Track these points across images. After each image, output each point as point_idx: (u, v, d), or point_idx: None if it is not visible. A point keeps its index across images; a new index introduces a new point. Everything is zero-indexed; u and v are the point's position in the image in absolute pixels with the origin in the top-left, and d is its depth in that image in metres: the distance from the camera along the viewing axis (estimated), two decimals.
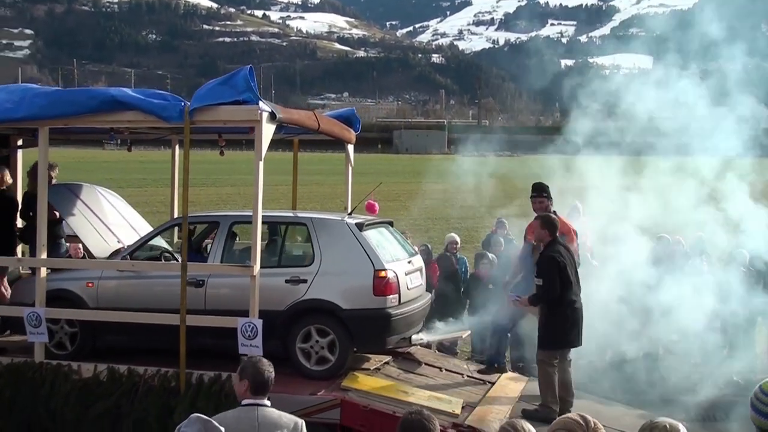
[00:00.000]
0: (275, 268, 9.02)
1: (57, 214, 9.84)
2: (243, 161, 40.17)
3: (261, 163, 8.22)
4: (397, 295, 8.82)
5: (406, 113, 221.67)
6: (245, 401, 5.37)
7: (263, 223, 9.99)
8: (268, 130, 8.24)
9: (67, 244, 10.94)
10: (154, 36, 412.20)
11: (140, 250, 9.59)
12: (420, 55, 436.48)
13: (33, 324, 8.82)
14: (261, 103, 8.13)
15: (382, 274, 8.66)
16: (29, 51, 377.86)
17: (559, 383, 8.97)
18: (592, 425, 3.34)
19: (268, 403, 5.38)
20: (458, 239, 13.77)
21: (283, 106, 8.89)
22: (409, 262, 9.41)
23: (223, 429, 4.47)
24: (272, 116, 8.24)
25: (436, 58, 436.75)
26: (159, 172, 47.00)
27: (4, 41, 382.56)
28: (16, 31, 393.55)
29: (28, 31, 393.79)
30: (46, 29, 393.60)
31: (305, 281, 8.74)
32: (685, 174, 13.66)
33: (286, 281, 8.79)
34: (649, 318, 11.52)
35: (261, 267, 8.69)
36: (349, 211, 10.03)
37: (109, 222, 10.38)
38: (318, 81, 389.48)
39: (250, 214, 8.80)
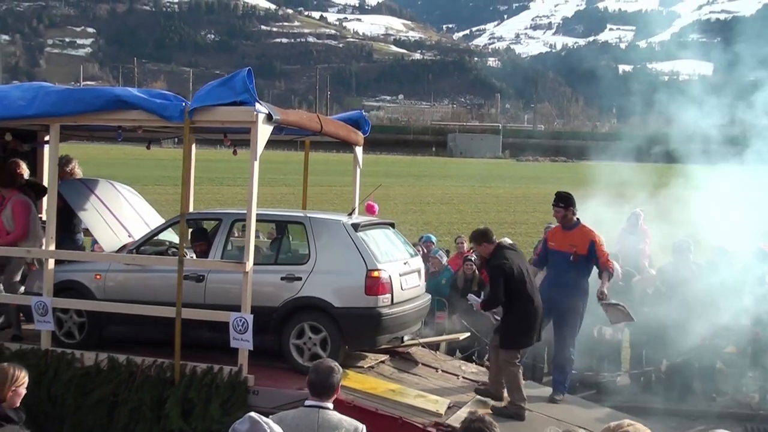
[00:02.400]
0: (272, 266, 9.27)
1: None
2: (296, 161, 40.15)
3: (256, 163, 8.45)
4: (389, 295, 8.96)
5: (461, 116, 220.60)
6: (307, 402, 5.41)
7: (265, 221, 10.38)
8: (264, 131, 8.46)
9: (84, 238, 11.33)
10: (212, 36, 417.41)
11: (148, 244, 9.90)
12: (476, 59, 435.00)
13: (40, 312, 9.21)
14: (257, 105, 8.35)
15: (375, 274, 8.83)
16: (91, 49, 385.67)
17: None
18: None
19: (330, 405, 5.39)
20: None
21: (339, 108, 9.09)
22: (406, 264, 9.56)
23: (271, 430, 4.36)
24: (269, 117, 8.47)
25: (492, 61, 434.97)
26: (213, 170, 47.61)
27: (67, 39, 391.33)
28: (78, 29, 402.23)
29: (90, 30, 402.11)
30: (108, 28, 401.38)
31: (300, 279, 8.96)
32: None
33: (282, 278, 9.02)
34: (706, 328, 11.53)
35: (258, 264, 8.97)
36: (350, 211, 10.20)
37: (122, 216, 10.70)
38: (373, 83, 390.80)
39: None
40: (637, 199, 14.98)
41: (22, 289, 10.41)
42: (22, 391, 6.20)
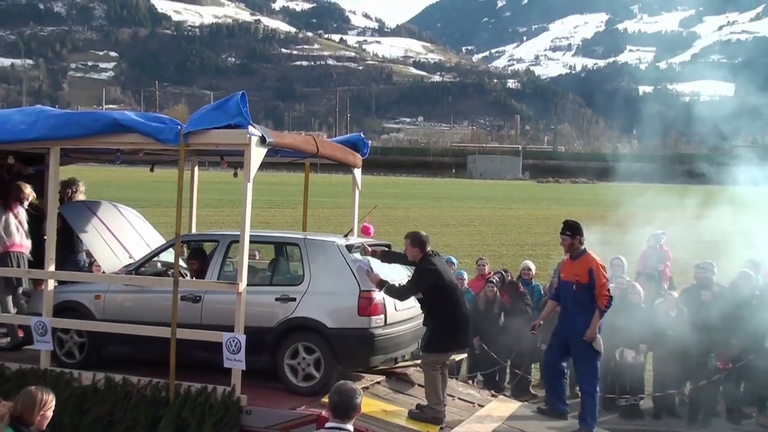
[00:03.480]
0: (267, 287, 9.38)
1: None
2: (319, 183, 39.55)
3: (249, 185, 8.54)
4: (382, 316, 9.02)
5: (480, 138, 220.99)
6: (328, 424, 5.39)
7: (262, 243, 10.52)
8: (257, 154, 8.58)
9: (86, 259, 11.50)
10: (233, 59, 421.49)
11: (147, 265, 10.03)
12: (495, 80, 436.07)
13: (39, 332, 9.36)
14: (251, 128, 8.47)
15: (367, 294, 8.90)
16: (113, 73, 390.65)
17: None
18: None
19: (350, 428, 5.35)
20: (532, 266, 13.61)
21: (359, 130, 9.20)
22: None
23: None
24: (262, 140, 8.59)
25: (511, 83, 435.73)
26: (237, 193, 47.49)
27: (89, 63, 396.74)
28: (101, 53, 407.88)
29: (113, 54, 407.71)
30: (130, 52, 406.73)
31: (294, 300, 9.04)
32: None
33: (277, 299, 9.11)
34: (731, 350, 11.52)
35: (254, 285, 9.10)
36: (346, 233, 10.29)
37: (123, 238, 10.85)
38: (393, 105, 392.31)
39: (252, 233, 9.30)
40: (660, 220, 14.93)
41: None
42: (50, 414, 6.32)
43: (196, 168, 12.11)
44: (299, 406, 8.52)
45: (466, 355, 11.41)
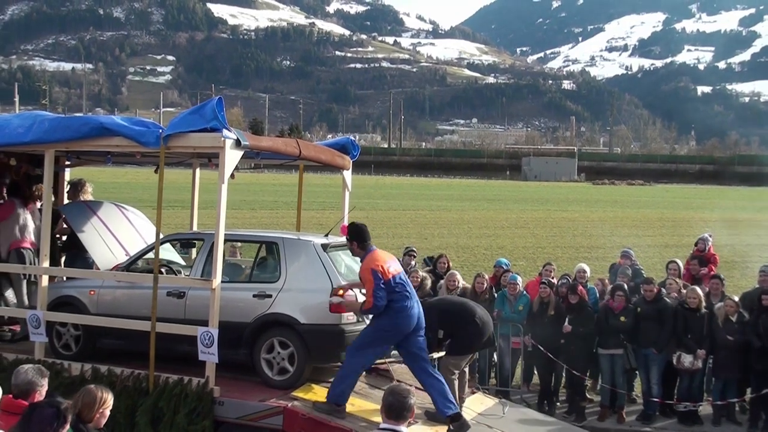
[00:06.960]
0: (246, 283, 9.78)
1: (64, 225, 10.97)
2: (360, 185, 39.47)
3: (224, 186, 8.90)
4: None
5: (535, 140, 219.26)
6: (382, 425, 5.42)
7: (243, 241, 10.92)
8: (232, 156, 8.95)
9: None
10: (288, 62, 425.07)
11: (139, 262, 10.50)
12: (550, 81, 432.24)
13: (34, 325, 9.88)
14: (225, 131, 8.86)
15: (340, 292, 9.23)
16: (171, 76, 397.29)
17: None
18: None
19: (404, 429, 5.35)
20: (587, 269, 13.54)
21: (413, 132, 9.52)
22: None
23: None
24: (237, 143, 8.97)
25: (567, 84, 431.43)
26: (290, 194, 47.79)
27: (147, 67, 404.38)
28: (159, 57, 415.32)
29: (170, 58, 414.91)
30: (187, 56, 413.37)
31: (270, 296, 9.41)
32: None
33: (254, 296, 9.48)
34: None
35: (234, 282, 9.52)
36: (326, 232, 10.61)
37: (121, 237, 11.32)
38: (447, 107, 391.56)
39: (234, 233, 9.74)
40: (716, 223, 14.89)
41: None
42: (107, 413, 6.40)
43: (198, 170, 12.57)
44: (269, 399, 8.88)
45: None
